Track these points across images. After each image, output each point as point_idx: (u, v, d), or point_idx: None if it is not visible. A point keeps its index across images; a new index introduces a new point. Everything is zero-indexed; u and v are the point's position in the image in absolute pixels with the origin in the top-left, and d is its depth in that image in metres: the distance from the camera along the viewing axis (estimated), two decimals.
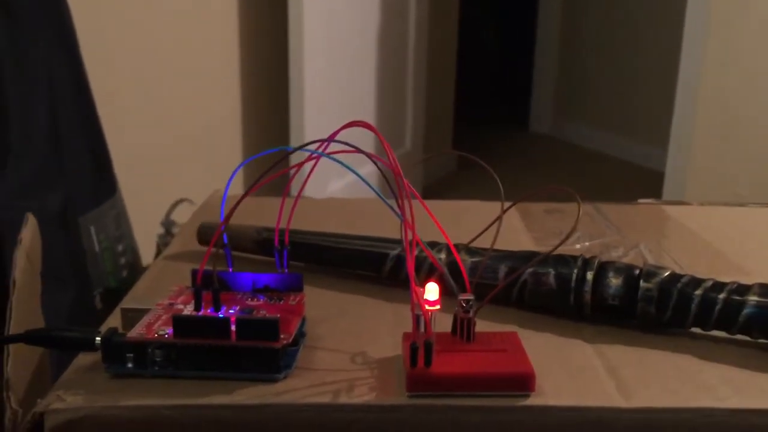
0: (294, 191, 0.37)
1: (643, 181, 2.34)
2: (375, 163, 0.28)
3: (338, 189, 1.54)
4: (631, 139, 2.69)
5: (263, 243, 0.41)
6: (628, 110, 2.72)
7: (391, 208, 0.28)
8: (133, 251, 0.98)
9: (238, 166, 0.33)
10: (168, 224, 1.05)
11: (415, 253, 0.36)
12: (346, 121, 0.30)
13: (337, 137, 0.30)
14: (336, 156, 0.30)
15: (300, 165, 0.32)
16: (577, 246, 0.46)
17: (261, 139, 1.60)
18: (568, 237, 0.31)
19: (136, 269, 0.98)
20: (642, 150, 2.61)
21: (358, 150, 0.28)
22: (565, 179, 2.35)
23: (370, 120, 1.78)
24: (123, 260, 0.95)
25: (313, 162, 0.31)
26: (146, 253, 1.04)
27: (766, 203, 0.55)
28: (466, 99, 2.77)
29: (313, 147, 0.31)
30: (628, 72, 2.70)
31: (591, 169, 2.55)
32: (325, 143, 0.30)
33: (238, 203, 0.32)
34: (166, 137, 1.36)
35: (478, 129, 2.97)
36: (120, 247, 0.95)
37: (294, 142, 1.50)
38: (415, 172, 2.01)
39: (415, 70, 2.02)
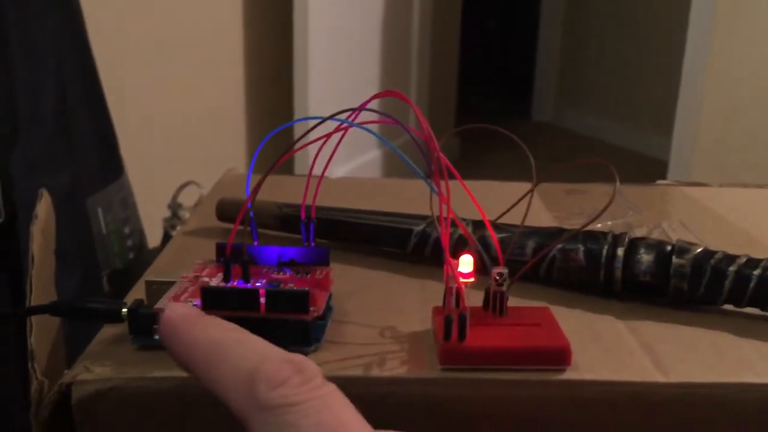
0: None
1: (645, 170, 2.34)
2: (412, 136, 0.27)
3: (343, 174, 1.53)
4: (634, 128, 2.68)
5: (284, 218, 0.40)
6: (630, 98, 2.71)
7: (427, 182, 0.28)
8: (139, 233, 0.98)
9: (266, 138, 0.32)
10: (175, 207, 1.04)
11: (442, 231, 0.36)
12: (350, 105, 0.30)
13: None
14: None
15: (328, 136, 0.31)
16: (599, 225, 0.45)
17: (265, 122, 1.60)
18: (605, 209, 0.31)
19: (142, 251, 0.98)
20: (644, 138, 2.61)
21: (395, 121, 0.27)
22: (567, 168, 2.34)
23: (374, 105, 1.77)
24: (130, 242, 0.95)
25: (341, 133, 0.31)
26: (151, 236, 1.04)
27: None
28: (468, 87, 2.76)
29: (334, 118, 0.30)
30: (631, 60, 2.69)
31: (593, 157, 2.54)
32: (356, 113, 0.29)
33: (264, 177, 0.32)
34: (170, 120, 1.35)
35: (479, 117, 2.97)
36: (127, 230, 0.94)
37: (298, 127, 1.49)
38: (419, 155, 2.01)
39: (419, 58, 2.01)
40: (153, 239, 1.04)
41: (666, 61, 2.42)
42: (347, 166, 1.65)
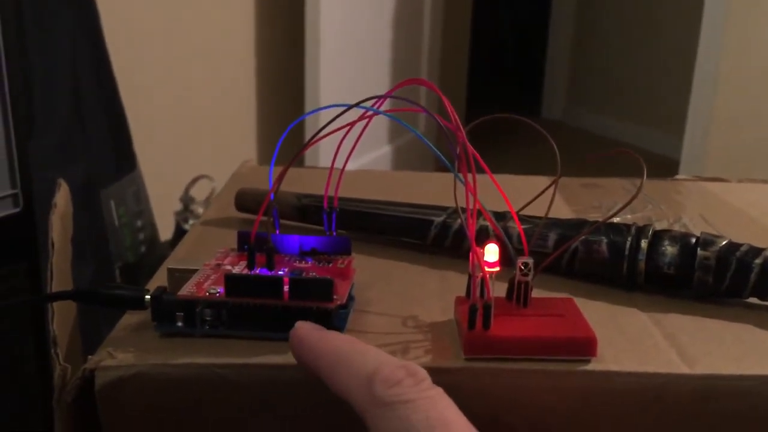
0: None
1: (656, 168, 2.33)
2: (440, 125, 0.27)
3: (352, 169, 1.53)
4: (645, 126, 2.67)
5: (303, 209, 0.40)
6: (641, 96, 2.70)
7: (453, 171, 0.27)
8: (151, 227, 0.98)
9: (289, 126, 0.32)
10: (187, 200, 1.04)
11: (468, 219, 0.35)
12: (362, 101, 0.30)
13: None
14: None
15: (352, 124, 0.31)
16: (617, 219, 0.45)
17: (276, 116, 1.60)
18: (633, 199, 0.30)
19: (154, 245, 0.98)
20: (656, 137, 2.60)
21: (423, 109, 0.27)
22: (577, 166, 2.34)
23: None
24: (142, 236, 0.95)
25: (366, 121, 0.31)
26: (163, 228, 1.04)
27: None
28: (478, 84, 2.75)
29: (360, 106, 0.30)
30: (642, 58, 2.67)
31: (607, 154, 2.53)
32: (381, 100, 0.29)
33: (287, 167, 0.31)
34: (182, 115, 1.35)
35: (489, 113, 2.96)
36: (139, 223, 0.94)
37: (309, 120, 1.49)
38: (427, 151, 2.01)
39: (429, 54, 2.01)
40: (164, 232, 1.04)
41: (678, 60, 2.41)
42: (358, 161, 1.65)
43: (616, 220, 0.45)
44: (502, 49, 3.63)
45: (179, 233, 1.05)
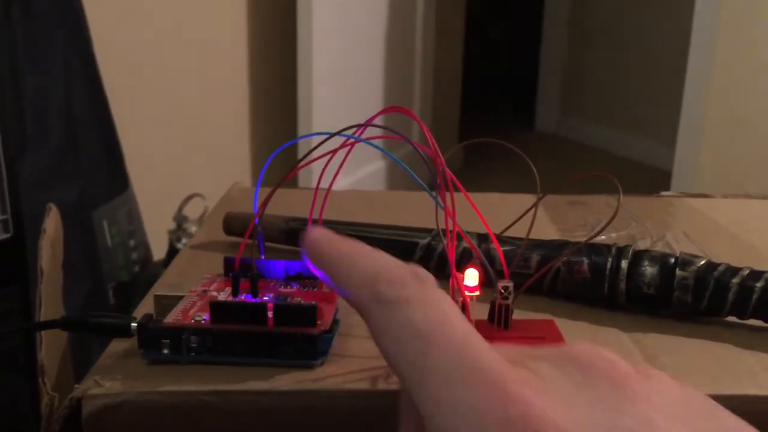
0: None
1: (649, 180, 2.34)
2: (418, 152, 0.28)
3: (347, 185, 1.53)
4: (638, 138, 2.69)
5: (290, 232, 0.41)
6: (634, 108, 2.71)
7: (433, 196, 0.28)
8: (144, 247, 0.98)
9: (273, 154, 0.32)
10: (180, 219, 1.05)
11: (448, 246, 0.36)
12: (355, 118, 0.30)
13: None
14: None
15: (335, 151, 0.32)
16: (602, 237, 0.45)
17: (269, 135, 1.60)
18: (608, 224, 0.31)
19: (147, 264, 0.98)
20: (648, 148, 2.61)
21: (401, 137, 0.28)
22: (565, 181, 2.34)
23: (378, 118, 1.78)
24: (135, 255, 0.96)
25: (347, 148, 0.31)
26: (156, 247, 1.05)
27: None
28: (471, 98, 2.77)
29: (342, 134, 0.31)
30: (635, 70, 2.69)
31: (597, 167, 2.55)
32: (362, 128, 0.30)
33: (272, 192, 0.32)
34: (175, 134, 1.36)
35: (483, 128, 2.97)
36: (132, 242, 0.95)
37: (302, 140, 1.50)
38: (423, 167, 2.01)
39: (423, 68, 2.02)
40: (158, 251, 1.05)
41: (670, 71, 2.43)
42: (352, 177, 1.65)
43: (601, 238, 0.46)
44: (495, 62, 3.65)
45: (172, 252, 1.05)
